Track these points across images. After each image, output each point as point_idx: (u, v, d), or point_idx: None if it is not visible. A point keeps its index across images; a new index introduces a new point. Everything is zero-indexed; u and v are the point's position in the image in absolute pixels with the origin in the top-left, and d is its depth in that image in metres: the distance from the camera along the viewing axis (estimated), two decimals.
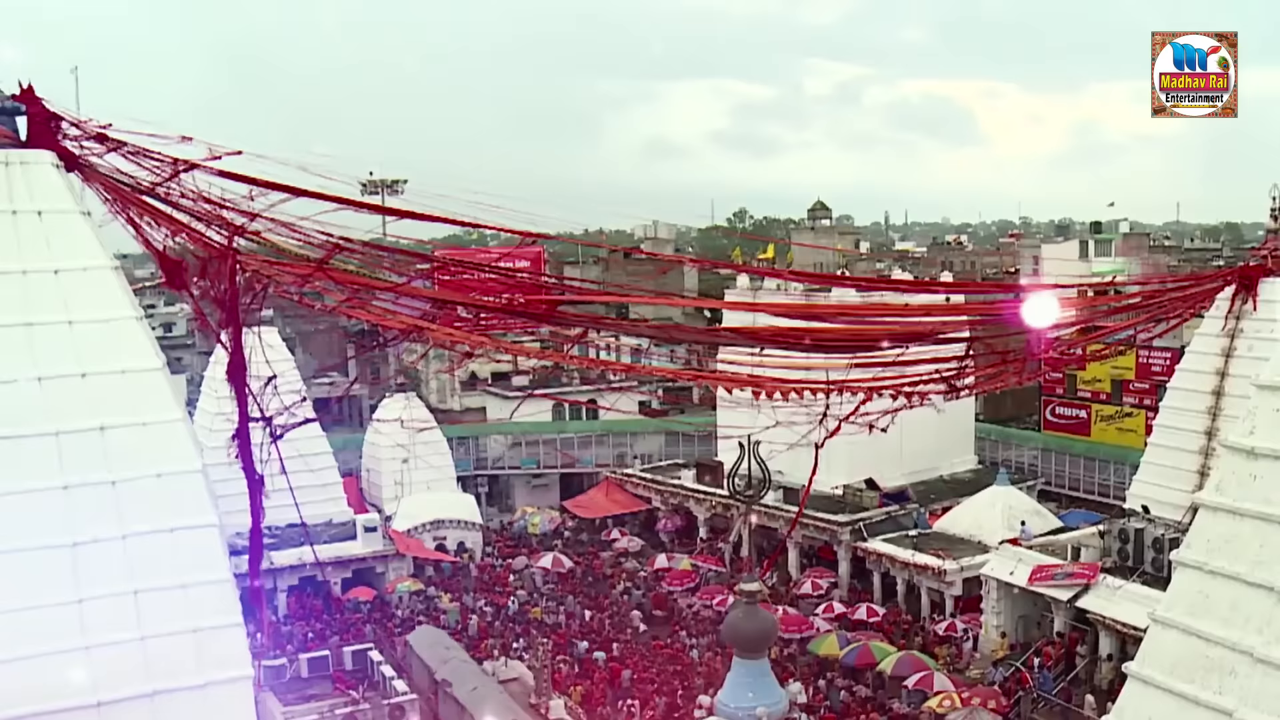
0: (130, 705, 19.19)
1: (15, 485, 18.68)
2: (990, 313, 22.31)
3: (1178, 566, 15.77)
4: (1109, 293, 41.91)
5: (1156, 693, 15.61)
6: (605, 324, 21.42)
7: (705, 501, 58.32)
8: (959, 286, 53.18)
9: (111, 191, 20.44)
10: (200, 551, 19.77)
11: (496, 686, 33.51)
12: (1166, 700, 15.41)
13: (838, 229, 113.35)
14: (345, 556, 50.42)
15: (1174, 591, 15.80)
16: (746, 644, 20.73)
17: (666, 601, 49.23)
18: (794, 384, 19.20)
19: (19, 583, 18.60)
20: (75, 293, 19.59)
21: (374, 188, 73.41)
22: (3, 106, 19.93)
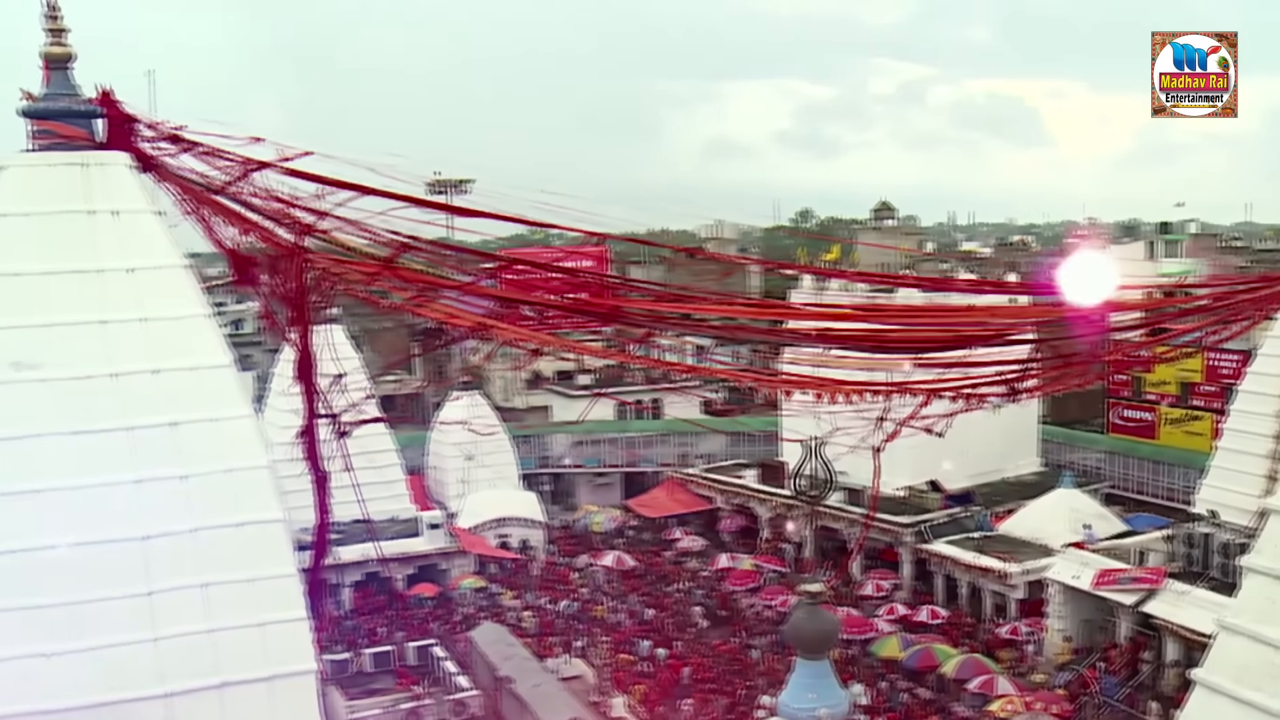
0: (197, 697, 19.51)
1: (89, 479, 19.07)
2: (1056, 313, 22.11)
3: (1246, 572, 15.61)
4: (1176, 294, 41.40)
5: (1223, 700, 15.45)
6: (669, 324, 21.46)
7: (768, 502, 58.23)
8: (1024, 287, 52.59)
9: (184, 191, 20.78)
10: (267, 546, 20.07)
11: (558, 684, 33.70)
12: (1233, 708, 15.26)
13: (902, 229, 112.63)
14: (409, 553, 50.83)
15: (1242, 598, 15.64)
16: (809, 645, 20.70)
17: (728, 601, 49.23)
18: (854, 385, 19.13)
19: (91, 574, 18.98)
20: (148, 291, 19.95)
21: (440, 187, 73.81)
22: (82, 110, 20.34)
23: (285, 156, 19.32)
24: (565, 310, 20.31)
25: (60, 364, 19.25)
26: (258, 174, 19.75)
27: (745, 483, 60.69)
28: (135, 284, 19.91)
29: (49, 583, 18.74)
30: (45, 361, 19.16)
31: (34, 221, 19.69)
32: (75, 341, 19.41)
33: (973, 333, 19.89)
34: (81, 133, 20.40)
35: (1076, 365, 21.29)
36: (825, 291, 58.79)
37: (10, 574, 18.66)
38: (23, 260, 19.47)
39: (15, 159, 20.12)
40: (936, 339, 19.91)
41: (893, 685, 39.27)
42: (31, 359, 19.10)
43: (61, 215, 19.75)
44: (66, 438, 19.11)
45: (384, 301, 22.58)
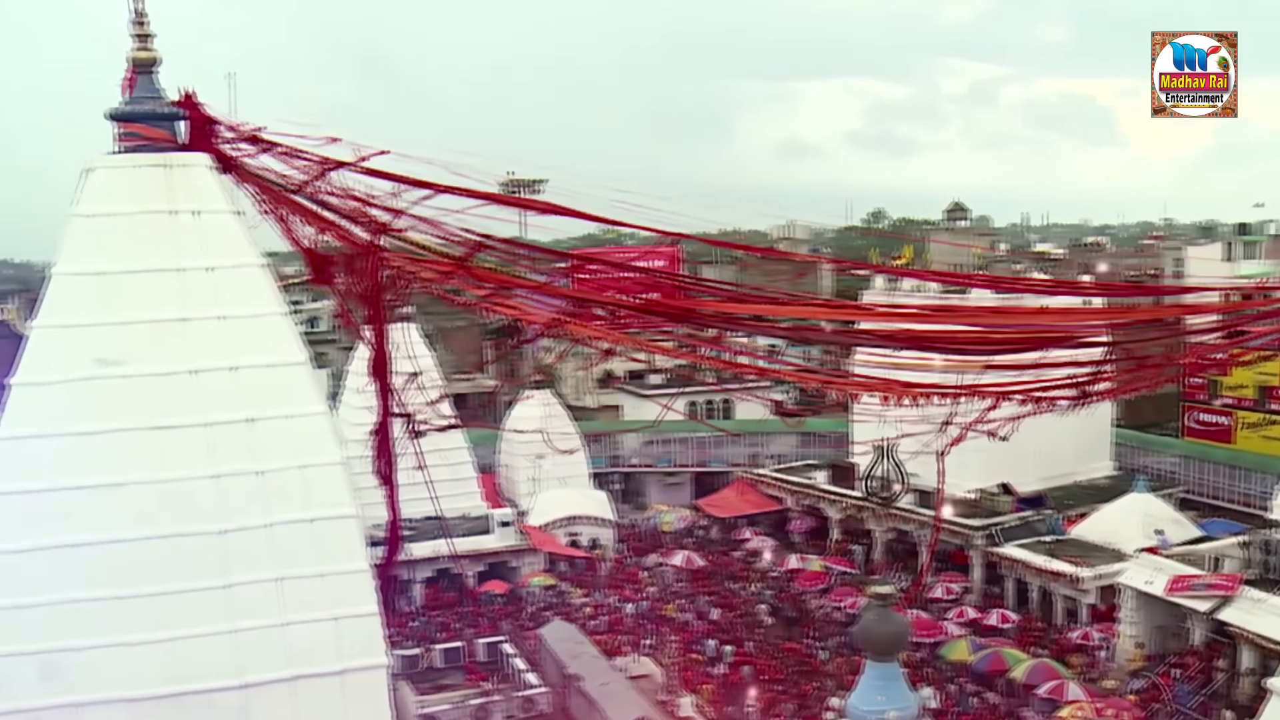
0: (271, 689, 19.85)
1: (168, 474, 19.46)
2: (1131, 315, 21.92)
3: None
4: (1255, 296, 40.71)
5: None
6: (741, 325, 21.47)
7: (838, 503, 58.00)
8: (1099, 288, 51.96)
9: (263, 191, 21.12)
10: (340, 541, 20.36)
11: (626, 682, 33.80)
12: None
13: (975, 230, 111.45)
14: (480, 550, 51.17)
15: None
16: (879, 647, 20.66)
17: (797, 602, 49.12)
18: (921, 388, 19.03)
19: (170, 567, 19.37)
20: (227, 289, 20.31)
21: (514, 187, 74.18)
22: (165, 112, 20.74)
23: (362, 156, 19.59)
24: (638, 310, 20.37)
25: (142, 360, 19.66)
26: (334, 173, 20.04)
27: (815, 484, 60.48)
28: (215, 282, 20.28)
29: (130, 575, 19.16)
30: (128, 358, 19.57)
31: (118, 221, 20.11)
32: (156, 339, 19.81)
33: (1046, 334, 19.73)
34: (165, 135, 20.81)
35: (1151, 368, 21.08)
36: (897, 292, 58.47)
37: (93, 565, 19.09)
38: (107, 259, 19.90)
39: (102, 161, 20.55)
40: (1009, 340, 19.77)
41: (962, 689, 39.02)
42: (115, 355, 19.51)
43: (145, 215, 20.16)
44: (147, 433, 19.51)
45: (458, 299, 22.77)
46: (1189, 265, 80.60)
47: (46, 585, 19.08)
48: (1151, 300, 35.43)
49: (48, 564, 19.08)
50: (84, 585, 19.14)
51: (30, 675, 19.07)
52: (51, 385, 19.50)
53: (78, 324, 19.72)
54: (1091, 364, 19.80)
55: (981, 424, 20.22)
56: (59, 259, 20.18)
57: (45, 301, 20.04)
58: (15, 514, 19.15)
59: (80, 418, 19.31)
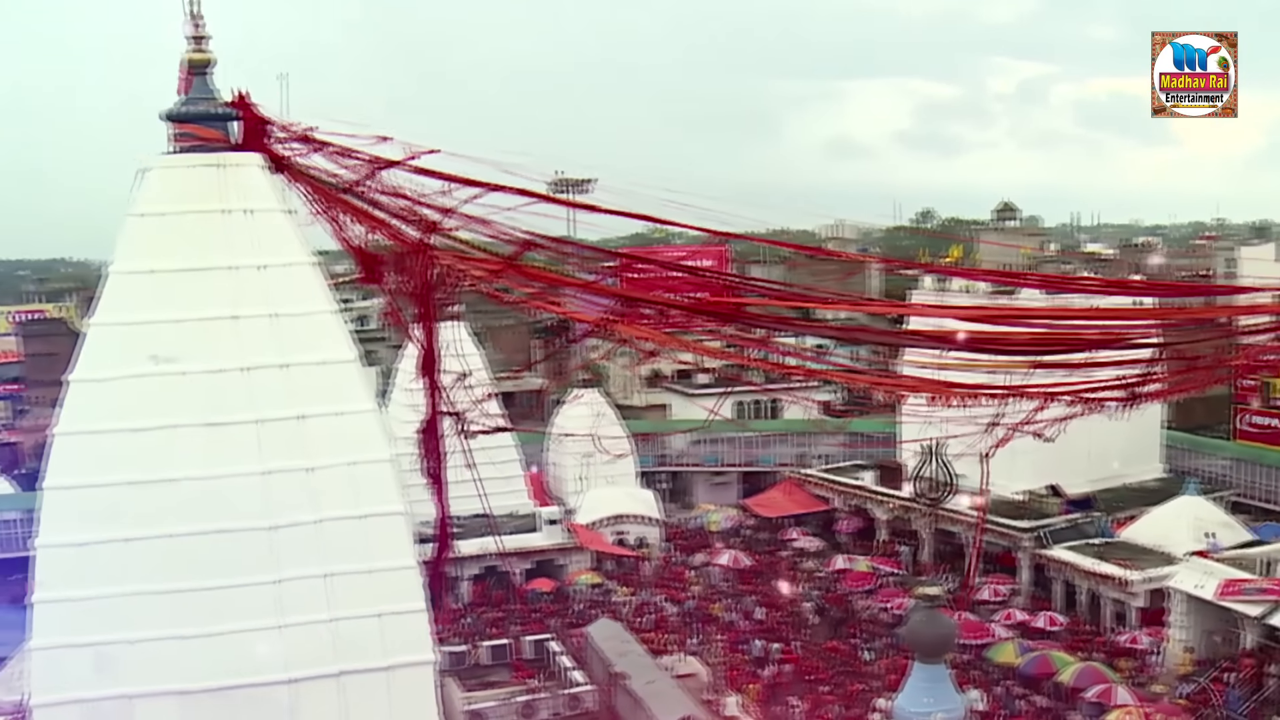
0: (319, 684, 20.04)
1: (220, 470, 19.68)
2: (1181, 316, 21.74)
3: None
4: None
5: None
6: (790, 324, 21.46)
7: (886, 503, 57.77)
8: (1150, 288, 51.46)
9: (314, 190, 21.31)
10: (388, 538, 20.52)
11: (672, 681, 33.81)
12: None
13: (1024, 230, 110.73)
14: (527, 548, 51.32)
15: None
16: (926, 648, 20.63)
17: (844, 603, 48.98)
18: (968, 388, 18.96)
19: (220, 562, 19.59)
20: (278, 287, 20.52)
21: (562, 186, 74.26)
22: (219, 113, 20.98)
23: (412, 154, 19.72)
24: (687, 310, 20.39)
25: (195, 358, 19.91)
26: (385, 172, 20.20)
27: (863, 484, 60.23)
28: (266, 281, 20.49)
29: (182, 569, 19.40)
30: (181, 355, 19.81)
31: (173, 221, 20.38)
32: (209, 336, 20.06)
33: (1095, 335, 19.61)
34: (218, 135, 21.05)
35: (1202, 369, 20.91)
36: (946, 292, 58.16)
37: (146, 559, 19.36)
38: (162, 258, 20.17)
39: (157, 161, 20.82)
40: (1058, 341, 19.66)
41: (1009, 691, 38.77)
42: (169, 352, 19.76)
43: (198, 215, 20.42)
44: (199, 429, 19.76)
45: (507, 297, 22.89)
46: (1241, 265, 79.69)
47: (101, 579, 19.37)
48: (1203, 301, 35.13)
49: (102, 558, 19.37)
50: (137, 579, 19.40)
51: (85, 667, 19.38)
52: (107, 382, 19.79)
53: (133, 321, 20.00)
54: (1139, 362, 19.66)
55: (1028, 424, 20.13)
56: (115, 257, 20.48)
57: (102, 299, 20.34)
58: (72, 508, 19.47)
59: (135, 414, 19.59)
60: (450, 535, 24.74)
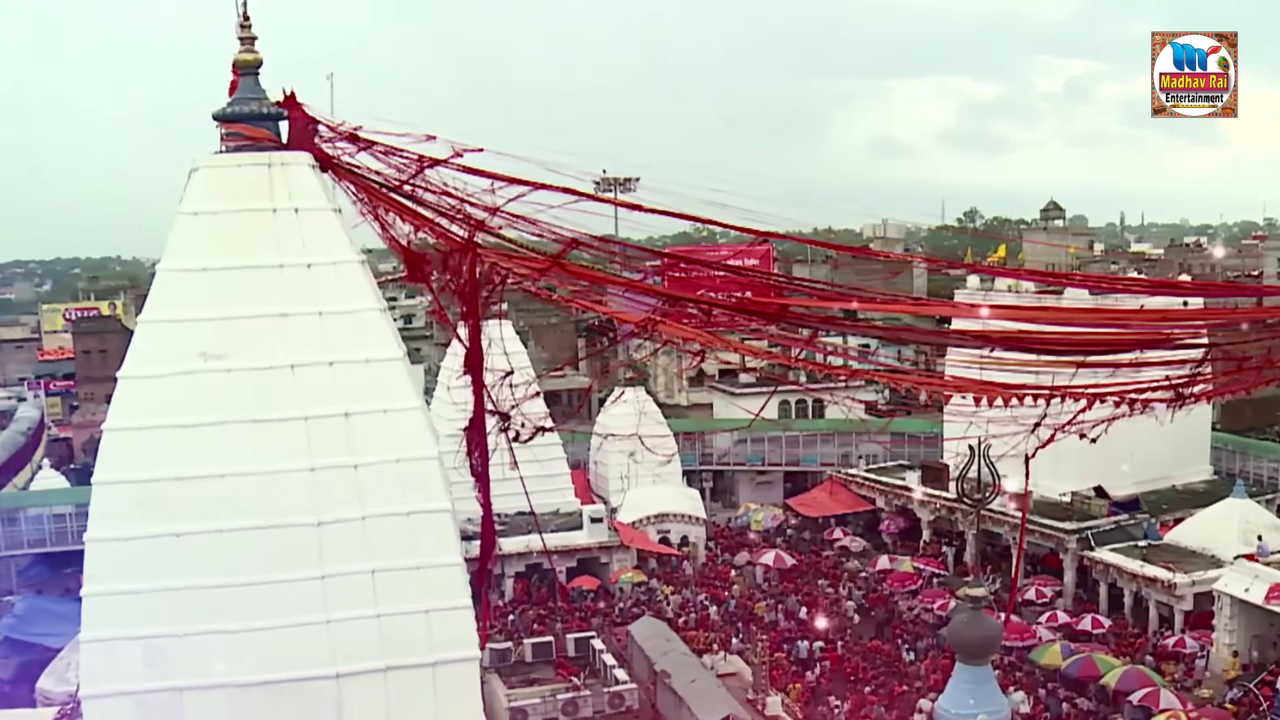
0: (364, 679, 20.21)
1: (268, 465, 19.88)
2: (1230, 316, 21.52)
3: None
4: None
5: None
6: (835, 324, 21.43)
7: (930, 504, 57.57)
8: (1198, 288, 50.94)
9: (361, 189, 21.46)
10: (434, 535, 20.67)
11: (715, 680, 33.82)
12: None
13: (1070, 229, 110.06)
14: (571, 546, 51.48)
15: None
16: (970, 649, 20.58)
17: (887, 603, 48.85)
18: (1013, 389, 18.84)
19: (268, 557, 19.79)
20: (326, 285, 20.70)
21: (607, 185, 74.37)
22: (268, 113, 21.18)
23: (457, 151, 19.83)
24: (731, 309, 20.38)
25: (243, 355, 20.12)
26: (431, 171, 20.32)
27: (907, 484, 60.04)
28: (314, 279, 20.67)
29: (230, 564, 19.62)
30: (230, 352, 20.02)
31: (221, 219, 20.59)
32: (257, 333, 20.25)
33: (1142, 336, 19.47)
34: (267, 134, 21.26)
35: (1250, 370, 20.67)
36: (991, 292, 57.84)
37: (194, 554, 19.59)
38: (211, 256, 20.38)
39: (207, 160, 21.04)
40: (1104, 342, 19.52)
41: (1053, 694, 38.55)
42: (217, 350, 19.97)
43: (247, 213, 20.62)
44: (247, 426, 19.96)
45: (553, 294, 22.98)
46: None
47: (151, 572, 19.61)
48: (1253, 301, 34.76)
49: (153, 552, 19.60)
50: (186, 574, 19.63)
51: (135, 659, 19.62)
52: (157, 379, 20.02)
53: (182, 319, 20.22)
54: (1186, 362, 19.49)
55: (1073, 425, 20.00)
56: (166, 255, 20.73)
57: (152, 297, 20.57)
58: (123, 503, 19.71)
59: (184, 410, 19.81)
60: (494, 533, 24.83)
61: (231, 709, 19.82)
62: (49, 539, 56.71)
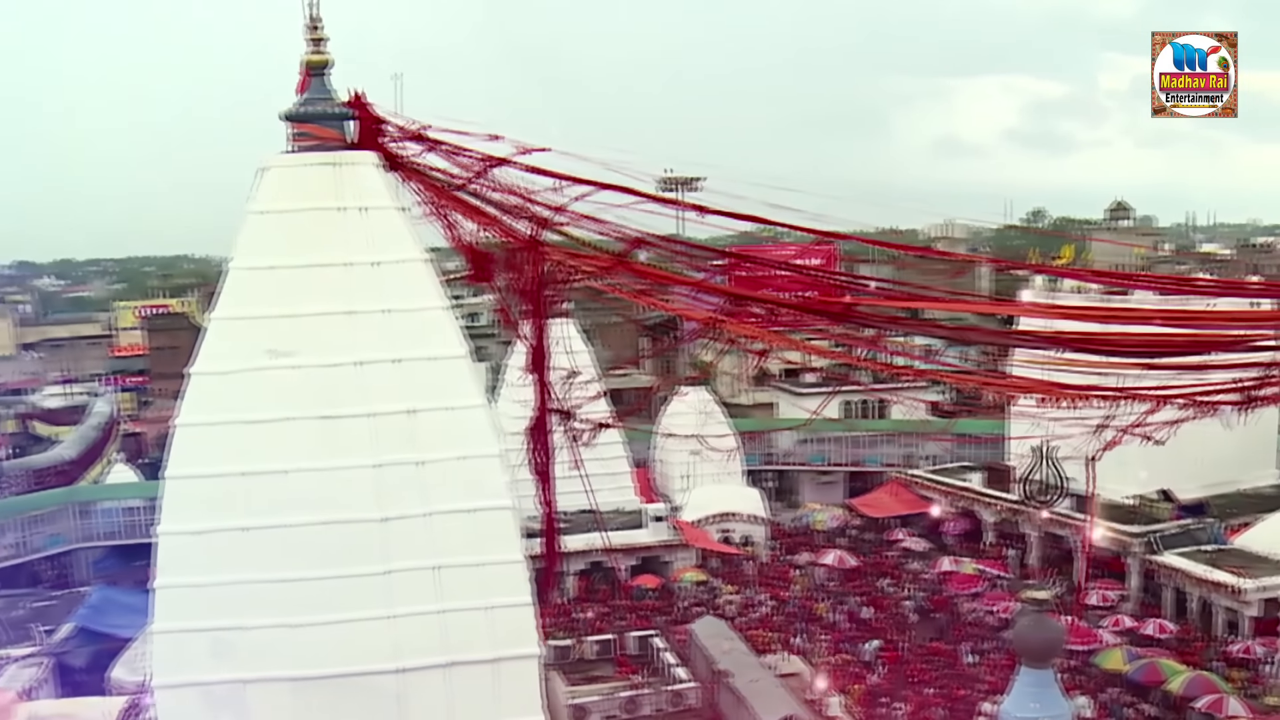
0: (426, 674, 20.37)
1: (333, 462, 20.08)
2: None
3: None
4: None
5: None
6: (900, 324, 21.31)
7: (993, 506, 57.16)
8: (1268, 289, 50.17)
9: (427, 188, 21.63)
10: (497, 532, 20.77)
11: (775, 680, 33.82)
12: None
13: (1138, 229, 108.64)
14: (633, 544, 51.65)
15: None
16: (1034, 653, 20.43)
17: (948, 605, 48.57)
18: (1078, 390, 18.65)
19: (333, 552, 19.99)
20: (392, 284, 20.86)
21: (671, 185, 74.34)
22: (336, 113, 21.40)
23: (523, 150, 19.92)
24: (796, 309, 20.33)
25: (310, 352, 20.31)
26: (496, 170, 20.43)
27: (970, 486, 59.65)
28: (380, 277, 20.84)
29: (295, 558, 19.83)
30: (297, 349, 20.23)
31: (290, 218, 20.81)
32: (324, 331, 20.45)
33: (1211, 338, 19.22)
34: (335, 134, 21.46)
35: None
36: (1058, 293, 57.30)
37: (261, 548, 19.83)
38: (279, 254, 20.60)
39: (276, 160, 21.27)
40: (1172, 343, 19.29)
41: (1116, 699, 38.20)
42: (285, 347, 20.20)
43: (315, 212, 20.82)
44: (314, 422, 20.17)
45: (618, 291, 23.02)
46: None
47: (219, 566, 19.87)
48: None
49: (220, 546, 19.86)
50: (253, 567, 19.86)
51: (202, 651, 19.90)
52: (226, 375, 20.27)
53: (251, 316, 20.45)
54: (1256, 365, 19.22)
55: (1139, 428, 19.78)
56: (235, 254, 20.96)
57: (222, 294, 20.82)
58: (192, 498, 19.99)
59: (252, 407, 20.04)
60: (557, 531, 24.93)
61: (295, 701, 20.06)
62: (121, 532, 57.78)
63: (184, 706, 20.23)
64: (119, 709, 32.42)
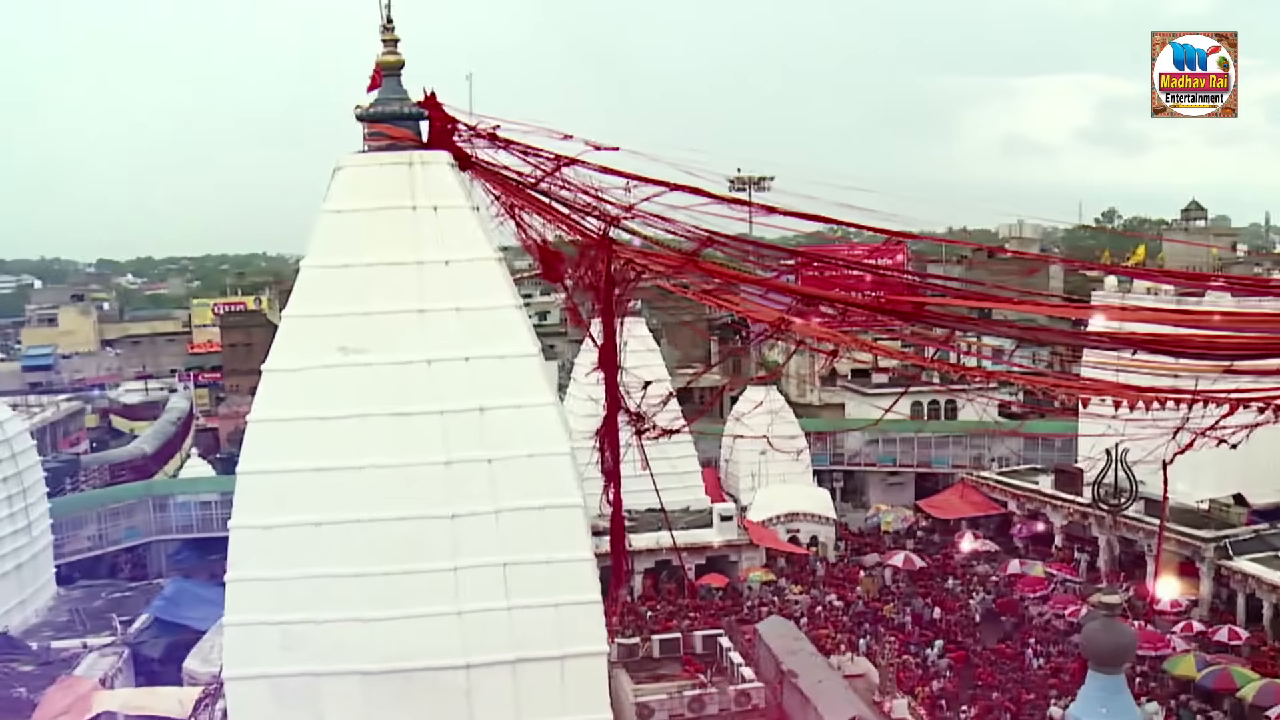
0: (494, 670, 20.49)
1: (404, 459, 20.26)
2: None
3: None
4: None
5: None
6: (971, 324, 21.21)
7: (1063, 508, 56.63)
8: None
9: (498, 187, 21.80)
10: (565, 530, 20.84)
11: (842, 681, 33.65)
12: None
13: (1212, 230, 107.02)
14: (700, 543, 51.69)
15: None
16: (1104, 657, 20.19)
17: (1016, 608, 48.18)
18: (1153, 392, 18.46)
19: (402, 548, 20.18)
20: (463, 282, 21.01)
21: (741, 184, 74.31)
22: (409, 112, 21.61)
23: (594, 148, 20.02)
24: (867, 308, 20.27)
25: (382, 350, 20.52)
26: (567, 169, 20.55)
27: (1040, 488, 59.13)
28: (451, 275, 20.99)
29: (366, 553, 20.04)
30: (369, 347, 20.45)
31: (363, 217, 21.03)
32: (396, 329, 20.64)
33: None
34: (408, 134, 21.66)
35: None
36: (1130, 294, 56.66)
37: (333, 543, 20.05)
38: (352, 253, 20.82)
39: (350, 159, 21.51)
40: (1249, 346, 19.04)
41: (1185, 705, 37.72)
42: (357, 344, 20.43)
43: (388, 211, 21.02)
44: (385, 419, 20.36)
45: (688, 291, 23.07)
46: None
47: (290, 560, 20.10)
48: None
49: (292, 540, 20.10)
50: (324, 562, 20.08)
51: (274, 644, 20.15)
52: (299, 372, 20.51)
53: (324, 314, 20.68)
54: None
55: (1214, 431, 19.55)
56: (309, 252, 21.22)
57: (295, 292, 21.09)
58: (265, 492, 20.24)
59: (325, 403, 20.26)
60: (624, 529, 25.00)
61: (364, 695, 20.25)
62: (196, 525, 58.81)
63: (255, 698, 20.50)
64: (193, 699, 32.92)
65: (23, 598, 43.28)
